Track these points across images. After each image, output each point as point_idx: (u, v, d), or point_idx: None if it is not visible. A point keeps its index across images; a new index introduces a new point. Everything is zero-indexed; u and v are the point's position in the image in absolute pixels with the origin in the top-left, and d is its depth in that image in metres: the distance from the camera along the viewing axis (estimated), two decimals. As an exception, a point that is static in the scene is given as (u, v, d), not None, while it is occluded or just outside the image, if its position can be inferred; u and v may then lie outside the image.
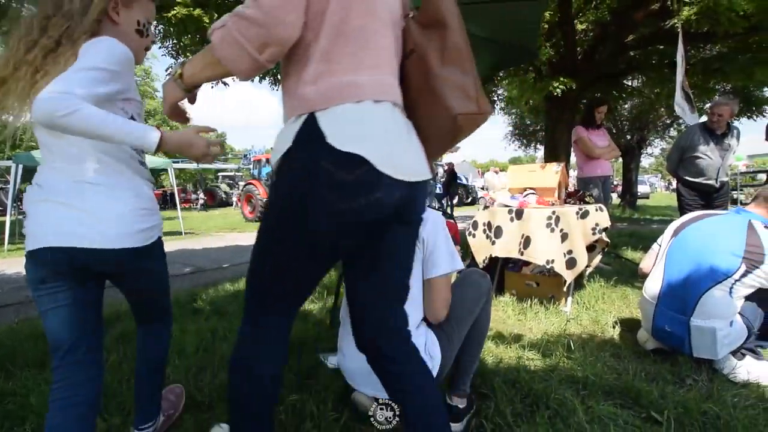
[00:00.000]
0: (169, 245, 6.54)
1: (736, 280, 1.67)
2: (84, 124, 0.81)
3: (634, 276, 3.33)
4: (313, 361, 1.82)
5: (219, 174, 24.35)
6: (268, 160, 12.45)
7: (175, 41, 4.91)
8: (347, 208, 0.79)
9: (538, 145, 16.91)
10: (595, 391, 1.56)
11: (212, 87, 3.22)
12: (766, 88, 7.34)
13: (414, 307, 1.28)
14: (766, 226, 1.75)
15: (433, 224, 1.33)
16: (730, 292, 1.68)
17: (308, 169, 0.78)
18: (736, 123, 3.73)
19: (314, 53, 0.80)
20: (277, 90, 3.68)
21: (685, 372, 1.75)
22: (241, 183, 17.12)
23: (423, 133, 0.91)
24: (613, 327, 2.30)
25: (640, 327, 2.06)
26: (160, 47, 5.42)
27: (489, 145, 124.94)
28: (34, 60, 0.93)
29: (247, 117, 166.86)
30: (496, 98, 9.46)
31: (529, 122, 15.35)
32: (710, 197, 3.65)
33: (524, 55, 3.91)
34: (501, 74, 6.88)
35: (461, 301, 1.35)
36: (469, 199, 18.18)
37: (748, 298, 1.73)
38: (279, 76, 3.64)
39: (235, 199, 19.79)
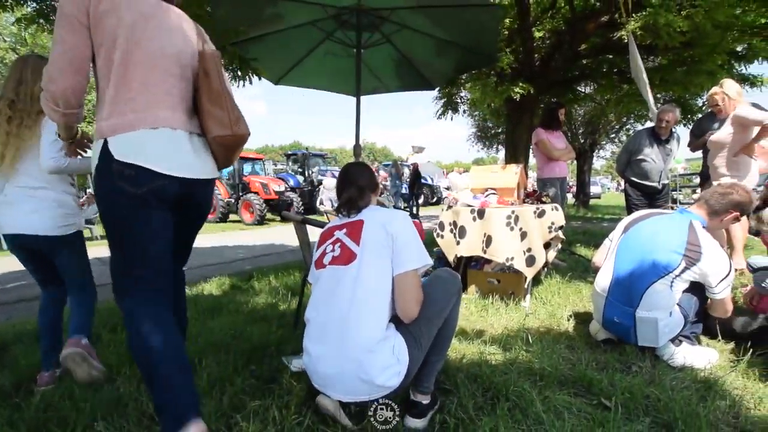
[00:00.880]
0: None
1: (677, 276, 1.81)
2: (72, 168, 1.68)
3: (587, 271, 3.54)
4: (276, 364, 1.78)
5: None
6: (229, 159, 12.00)
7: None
8: (136, 193, 1.18)
9: (499, 147, 17.52)
10: (552, 381, 1.64)
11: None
12: (699, 99, 8.03)
13: (383, 306, 1.28)
14: (704, 227, 1.91)
15: (400, 221, 1.34)
16: (671, 286, 1.82)
17: (107, 176, 1.18)
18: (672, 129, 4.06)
19: (107, 99, 1.20)
20: (236, 86, 3.56)
21: (631, 360, 1.88)
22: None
23: (211, 147, 1.36)
24: (568, 320, 2.43)
25: (593, 319, 2.18)
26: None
27: (453, 146, 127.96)
28: (10, 129, 1.66)
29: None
30: (459, 100, 9.69)
31: (491, 124, 15.86)
32: (653, 197, 3.96)
33: (485, 59, 4.04)
34: (464, 77, 7.05)
35: (432, 300, 1.36)
36: (435, 199, 18.51)
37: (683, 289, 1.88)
38: (239, 73, 3.53)
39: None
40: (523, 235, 2.70)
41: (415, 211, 11.52)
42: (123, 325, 2.12)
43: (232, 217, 11.60)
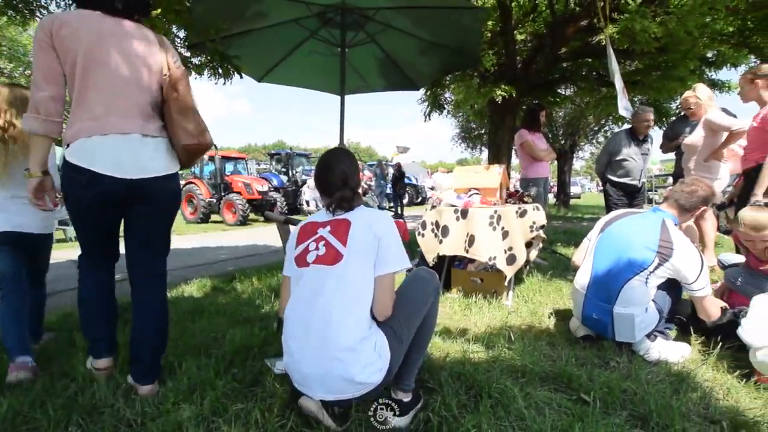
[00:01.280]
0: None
1: (651, 272, 1.87)
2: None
3: (567, 270, 3.62)
4: (258, 367, 1.75)
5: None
6: (211, 158, 11.78)
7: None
8: (85, 195, 1.44)
9: (483, 147, 17.75)
10: (533, 378, 1.67)
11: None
12: (672, 102, 8.33)
13: (365, 306, 1.29)
14: (676, 224, 1.99)
15: (386, 224, 1.35)
16: (646, 282, 1.88)
17: (67, 176, 1.45)
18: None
19: (72, 109, 1.45)
20: (216, 83, 3.50)
21: (609, 355, 1.93)
22: (180, 182, 16.03)
23: (177, 152, 1.59)
24: (549, 317, 2.48)
25: (573, 316, 2.24)
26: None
27: (438, 146, 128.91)
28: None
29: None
30: (443, 101, 9.78)
31: (474, 125, 16.06)
32: (633, 196, 4.09)
33: (468, 61, 4.08)
34: (448, 78, 7.12)
35: (411, 299, 1.38)
36: (419, 199, 18.61)
37: (657, 286, 1.95)
38: (220, 70, 3.47)
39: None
40: (505, 235, 2.74)
41: (399, 211, 11.54)
42: None
43: (214, 217, 11.37)
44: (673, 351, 1.90)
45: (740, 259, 2.40)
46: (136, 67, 1.50)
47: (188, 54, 3.46)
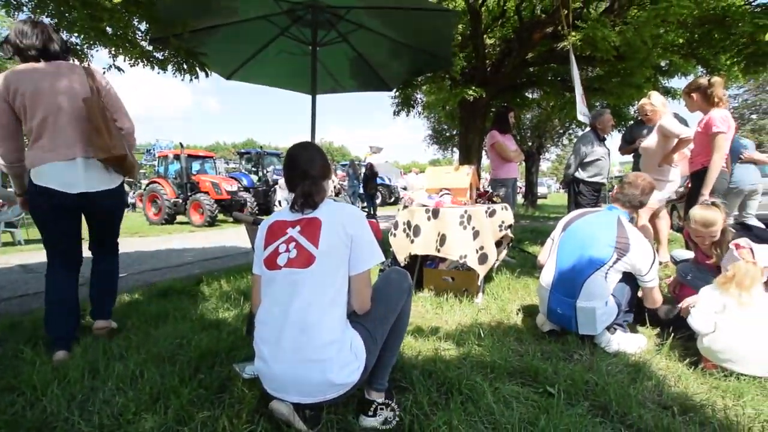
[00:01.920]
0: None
1: (610, 267, 1.98)
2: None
3: (534, 267, 3.74)
4: (227, 373, 1.70)
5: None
6: (177, 157, 11.31)
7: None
8: (47, 206, 1.89)
9: (454, 148, 18.07)
10: (502, 373, 1.72)
11: (104, 71, 2.83)
12: (630, 107, 8.81)
13: (340, 307, 1.28)
14: (630, 220, 2.11)
15: (358, 221, 1.34)
16: (606, 277, 1.98)
17: (31, 192, 1.90)
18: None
19: (30, 142, 1.88)
20: (183, 79, 3.37)
21: (573, 348, 2.02)
22: (144, 181, 15.31)
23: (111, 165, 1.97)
24: (517, 314, 2.55)
25: (539, 312, 2.32)
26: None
27: (410, 147, 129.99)
28: None
29: (148, 108, 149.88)
30: (415, 102, 9.87)
31: (446, 126, 16.32)
32: (600, 194, 4.30)
33: (440, 62, 4.14)
34: (420, 79, 7.19)
35: (385, 298, 1.39)
36: (392, 199, 18.69)
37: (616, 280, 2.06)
38: (185, 66, 3.34)
39: (135, 199, 17.62)
40: (476, 234, 2.80)
41: (372, 212, 11.55)
42: (45, 340, 2.05)
43: (180, 218, 10.93)
44: (631, 342, 2.01)
45: (691, 255, 2.57)
46: (73, 103, 1.87)
47: (150, 48, 3.30)
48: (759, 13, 4.55)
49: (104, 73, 2.28)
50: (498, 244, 3.15)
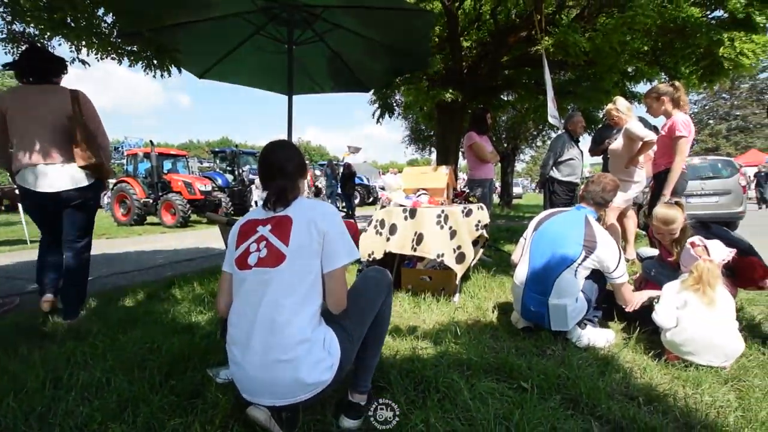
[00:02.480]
0: (11, 257, 5.26)
1: (579, 264, 2.05)
2: None
3: (510, 266, 3.82)
4: (200, 377, 1.65)
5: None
6: (147, 155, 10.89)
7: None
8: (30, 203, 2.43)
9: (432, 149, 18.24)
10: (478, 370, 1.75)
11: (70, 63, 2.70)
12: (599, 111, 9.16)
13: (313, 305, 1.26)
14: (597, 219, 2.20)
15: (330, 217, 1.32)
16: (575, 274, 2.05)
17: (20, 190, 2.39)
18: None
19: (14, 150, 2.34)
20: (154, 76, 3.25)
21: (546, 344, 2.08)
22: (111, 180, 14.66)
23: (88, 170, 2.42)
24: (493, 311, 2.61)
25: (514, 309, 2.37)
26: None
27: (389, 147, 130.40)
28: None
29: (115, 103, 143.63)
30: (393, 103, 9.91)
31: (424, 127, 16.46)
32: (574, 194, 4.45)
33: (418, 63, 4.16)
34: (398, 80, 7.22)
35: (363, 296, 1.37)
36: (371, 199, 18.69)
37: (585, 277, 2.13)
38: (156, 61, 3.22)
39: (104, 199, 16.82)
40: (453, 234, 2.84)
41: (350, 212, 11.51)
42: (3, 347, 1.98)
43: (150, 219, 10.53)
44: (600, 337, 2.09)
45: (655, 252, 2.70)
46: (54, 119, 2.31)
47: (118, 41, 3.16)
48: (715, 26, 4.86)
49: (68, 65, 2.58)
50: (474, 243, 3.21)
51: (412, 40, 3.58)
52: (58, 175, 2.32)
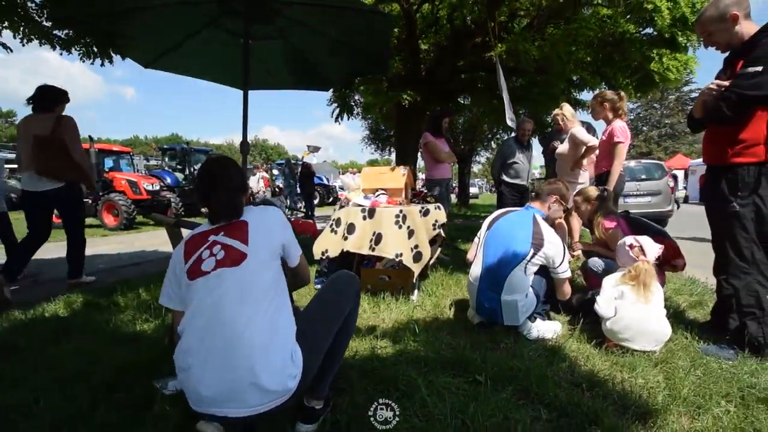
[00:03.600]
0: None
1: (528, 261, 2.16)
2: None
3: (466, 264, 3.95)
4: (148, 389, 1.55)
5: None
6: (86, 151, 10.00)
7: None
8: (25, 200, 3.29)
9: (391, 149, 18.43)
10: (435, 366, 1.79)
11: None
12: (549, 116, 9.74)
13: (276, 305, 1.21)
14: (544, 218, 2.33)
15: (282, 229, 1.34)
16: (525, 271, 2.16)
17: (22, 192, 3.35)
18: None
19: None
20: (93, 63, 3.03)
21: (500, 338, 2.17)
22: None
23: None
24: (450, 309, 2.68)
25: (470, 306, 2.46)
26: None
27: (349, 147, 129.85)
28: None
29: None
30: (353, 103, 9.88)
31: (383, 128, 16.58)
32: (523, 195, 4.70)
33: (378, 65, 4.16)
34: (357, 80, 7.22)
35: (331, 302, 1.35)
36: (331, 199, 18.52)
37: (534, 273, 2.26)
38: (95, 48, 2.97)
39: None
40: (411, 233, 2.89)
41: (310, 212, 11.32)
42: None
43: (89, 221, 9.68)
44: (549, 329, 2.22)
45: (601, 264, 2.89)
46: (42, 139, 3.02)
47: (48, 25, 2.88)
48: (646, 42, 5.36)
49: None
50: (432, 242, 3.28)
51: (374, 41, 3.59)
52: (47, 180, 3.17)
